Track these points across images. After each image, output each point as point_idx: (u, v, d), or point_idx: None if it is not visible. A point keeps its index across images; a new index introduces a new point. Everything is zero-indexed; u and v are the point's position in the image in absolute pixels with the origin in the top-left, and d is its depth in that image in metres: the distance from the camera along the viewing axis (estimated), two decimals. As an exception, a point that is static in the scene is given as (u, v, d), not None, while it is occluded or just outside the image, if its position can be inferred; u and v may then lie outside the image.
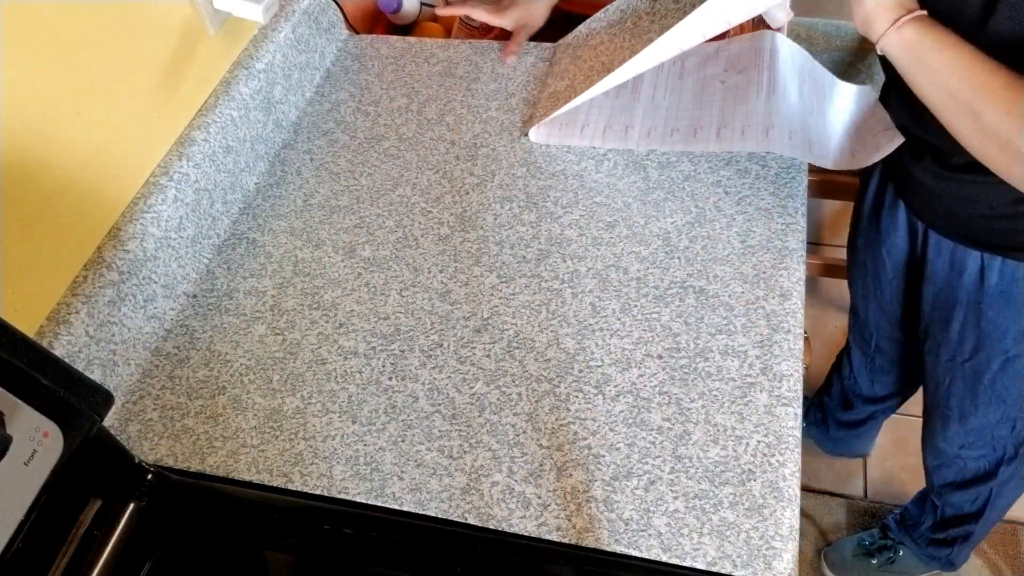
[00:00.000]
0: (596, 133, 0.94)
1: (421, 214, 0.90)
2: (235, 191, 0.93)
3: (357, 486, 0.69)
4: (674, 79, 0.96)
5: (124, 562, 0.60)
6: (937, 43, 0.63)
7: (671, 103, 0.94)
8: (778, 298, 0.76)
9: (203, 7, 0.88)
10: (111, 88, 0.77)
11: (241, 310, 0.84)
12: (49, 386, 0.51)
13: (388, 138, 1.00)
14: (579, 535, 0.64)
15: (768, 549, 0.62)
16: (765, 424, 0.68)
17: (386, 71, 1.09)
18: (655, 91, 0.96)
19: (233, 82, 0.93)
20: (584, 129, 0.94)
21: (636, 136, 0.92)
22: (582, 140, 0.93)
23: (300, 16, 1.04)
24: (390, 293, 0.83)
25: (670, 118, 0.93)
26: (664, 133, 0.91)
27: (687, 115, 0.92)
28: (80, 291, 0.74)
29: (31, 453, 0.50)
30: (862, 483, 1.50)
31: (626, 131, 0.93)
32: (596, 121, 0.94)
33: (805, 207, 0.84)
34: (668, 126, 0.92)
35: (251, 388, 0.77)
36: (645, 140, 0.92)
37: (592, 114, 0.95)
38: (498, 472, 0.68)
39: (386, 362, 0.77)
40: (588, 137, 0.93)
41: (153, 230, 0.81)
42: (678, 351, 0.74)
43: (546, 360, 0.75)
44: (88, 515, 0.59)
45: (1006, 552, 1.39)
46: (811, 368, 0.78)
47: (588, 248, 0.83)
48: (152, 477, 0.65)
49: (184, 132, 0.88)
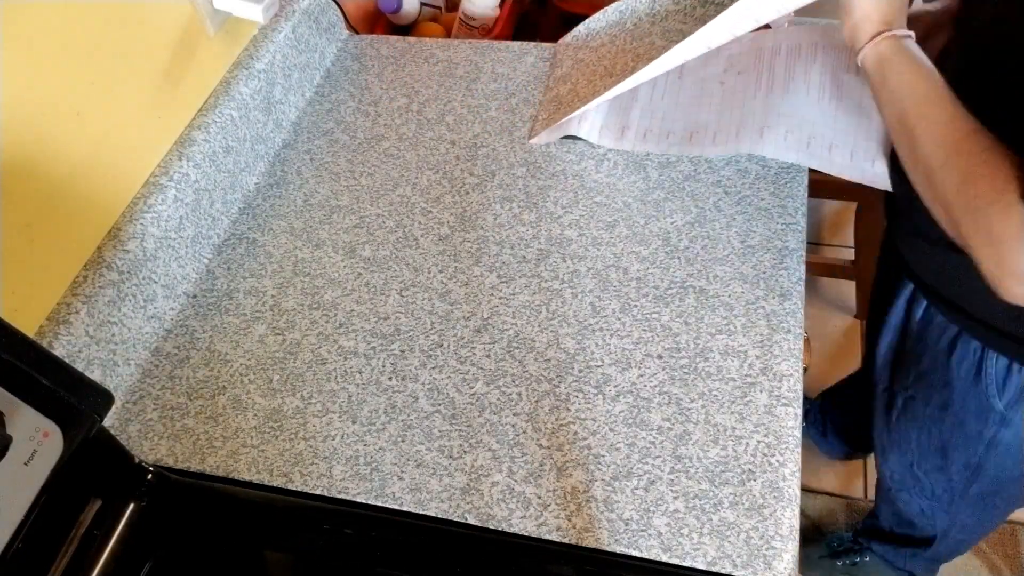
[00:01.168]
0: (592, 129, 0.93)
1: (421, 214, 0.90)
2: (235, 191, 0.93)
3: (357, 486, 0.69)
4: (673, 78, 0.96)
5: (124, 562, 0.60)
6: (905, 65, 0.63)
7: (669, 104, 0.94)
8: (778, 298, 0.76)
9: (203, 7, 0.88)
10: (111, 88, 0.77)
11: (241, 310, 0.84)
12: (49, 386, 0.51)
13: (388, 138, 1.00)
14: (579, 535, 0.64)
15: (768, 549, 0.62)
16: (765, 424, 0.68)
17: (386, 71, 1.09)
18: (653, 91, 0.95)
19: (233, 82, 0.93)
20: (581, 122, 0.94)
21: (632, 137, 0.92)
22: (579, 130, 0.93)
23: (300, 16, 1.04)
24: (390, 293, 0.83)
25: (667, 120, 0.92)
26: (660, 136, 0.91)
27: (683, 118, 0.92)
28: (80, 291, 0.74)
29: (31, 453, 0.50)
30: (862, 483, 1.50)
31: (622, 132, 0.92)
32: (593, 118, 0.94)
33: (805, 207, 0.84)
34: (664, 128, 0.91)
35: (251, 388, 0.77)
36: (641, 142, 0.91)
37: (588, 114, 0.95)
38: (498, 472, 0.68)
39: (386, 362, 0.77)
40: (584, 131, 0.93)
41: (153, 230, 0.81)
42: (678, 351, 0.74)
43: (546, 360, 0.75)
44: (88, 515, 0.59)
45: (1005, 552, 1.39)
46: (811, 368, 0.78)
47: (588, 248, 0.83)
48: (152, 477, 0.65)
49: (184, 132, 0.88)
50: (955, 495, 0.98)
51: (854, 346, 1.65)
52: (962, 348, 0.80)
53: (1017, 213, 0.53)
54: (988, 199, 0.55)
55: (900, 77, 0.63)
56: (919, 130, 0.61)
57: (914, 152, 0.62)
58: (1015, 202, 0.53)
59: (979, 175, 0.56)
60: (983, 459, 0.90)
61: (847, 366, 1.63)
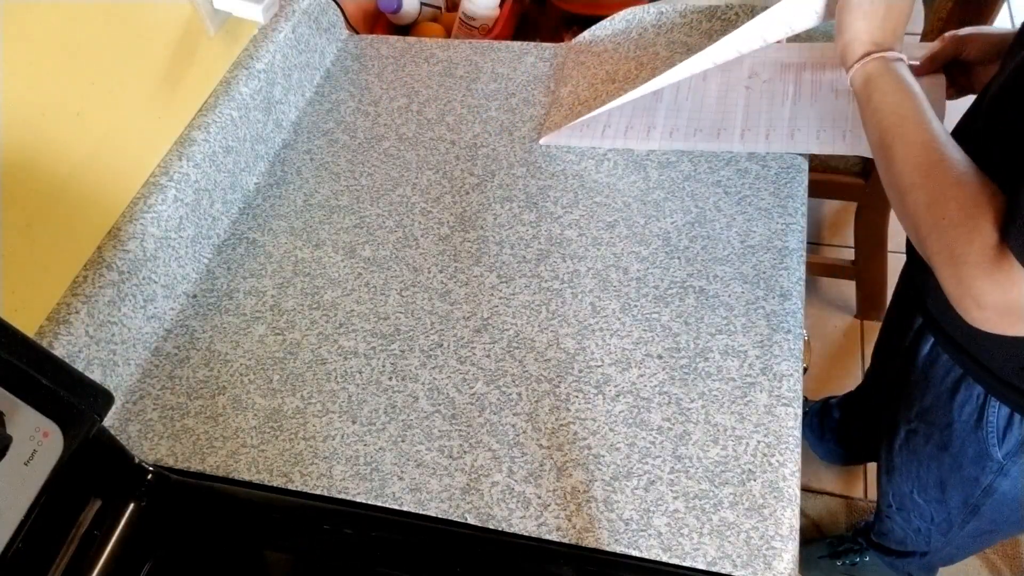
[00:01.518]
0: (617, 134, 0.93)
1: (421, 214, 0.90)
2: (235, 191, 0.93)
3: (357, 486, 0.69)
4: (697, 81, 0.96)
5: (124, 562, 0.60)
6: (890, 85, 0.65)
7: (694, 105, 0.94)
8: (778, 298, 0.76)
9: (203, 7, 0.88)
10: (111, 88, 0.77)
11: (241, 310, 0.84)
12: (49, 386, 0.51)
13: (388, 138, 1.00)
14: (579, 535, 0.64)
15: (768, 549, 0.62)
16: (765, 424, 0.68)
17: (386, 71, 1.09)
18: (678, 93, 0.96)
19: (233, 82, 0.93)
20: (606, 131, 0.94)
21: (659, 136, 0.92)
22: (603, 142, 0.93)
23: (300, 16, 1.04)
24: (390, 293, 0.83)
25: (693, 119, 0.93)
26: (687, 133, 0.92)
27: (709, 117, 0.93)
28: (80, 291, 0.74)
29: (31, 453, 0.50)
30: (862, 484, 1.50)
31: (648, 131, 0.93)
32: (618, 122, 0.94)
33: (805, 207, 0.84)
34: (691, 127, 0.92)
35: (251, 388, 0.77)
36: (668, 140, 0.92)
37: (613, 115, 0.95)
38: (498, 472, 0.68)
39: (386, 362, 0.77)
40: (610, 138, 0.93)
41: (153, 230, 0.81)
42: (678, 351, 0.74)
43: (546, 360, 0.75)
44: (88, 515, 0.59)
45: (1005, 552, 1.39)
46: (811, 368, 0.78)
47: (588, 248, 0.83)
48: (152, 477, 0.65)
49: (184, 132, 0.88)
50: (953, 526, 0.97)
51: (854, 346, 1.65)
52: (965, 392, 0.79)
53: (980, 237, 0.54)
54: (955, 220, 0.55)
55: (883, 96, 0.64)
56: (895, 148, 0.62)
57: (890, 169, 0.62)
58: (981, 227, 0.54)
59: (949, 197, 0.56)
60: (980, 503, 0.89)
61: (847, 366, 1.63)
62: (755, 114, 0.92)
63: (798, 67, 0.95)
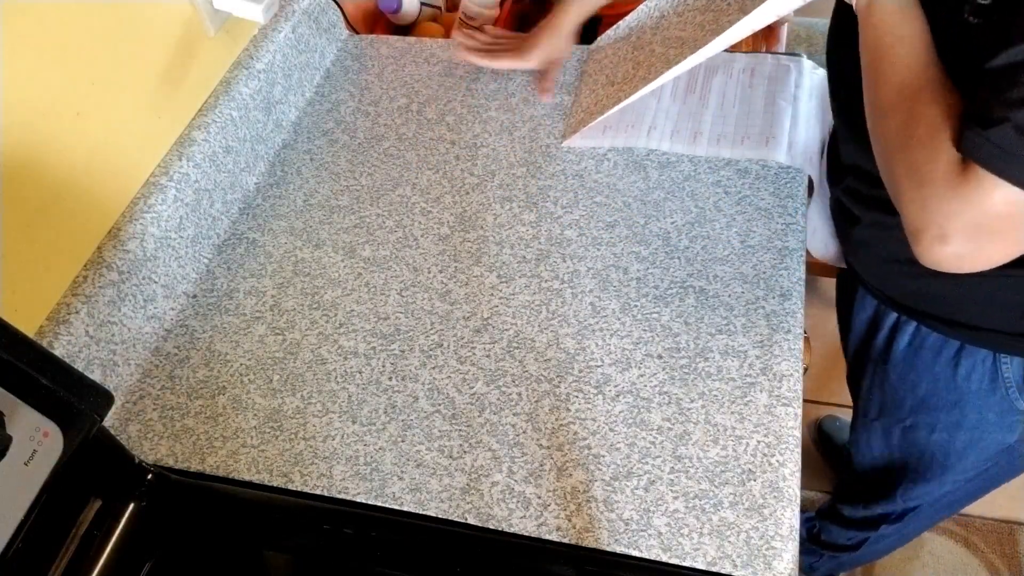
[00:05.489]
0: (663, 137, 0.92)
1: (421, 214, 0.90)
2: (235, 191, 0.93)
3: (357, 486, 0.69)
4: (744, 86, 0.95)
5: (124, 562, 0.60)
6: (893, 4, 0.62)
7: (741, 112, 0.93)
8: (778, 298, 0.76)
9: (203, 7, 0.88)
10: (111, 88, 0.77)
11: (241, 310, 0.84)
12: (49, 386, 0.51)
13: (388, 138, 1.00)
14: (579, 535, 0.64)
15: (768, 549, 0.62)
16: (765, 424, 0.68)
17: (386, 71, 1.09)
18: (724, 99, 0.94)
19: (233, 82, 0.93)
20: (651, 133, 0.93)
21: (705, 143, 0.91)
22: (648, 142, 0.92)
23: (300, 16, 1.04)
24: (390, 293, 0.83)
25: (740, 125, 0.91)
26: (735, 140, 0.90)
27: (759, 124, 0.91)
28: (80, 291, 0.74)
29: (31, 453, 0.50)
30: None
31: (694, 137, 0.91)
32: (663, 125, 0.93)
33: (805, 207, 0.84)
34: (739, 134, 0.91)
35: (251, 388, 0.77)
36: (715, 146, 0.90)
37: (659, 116, 0.94)
38: (498, 472, 0.68)
39: (386, 362, 0.77)
40: (655, 141, 0.92)
41: (153, 230, 0.81)
42: (678, 351, 0.74)
43: (546, 360, 0.75)
44: (88, 515, 0.59)
45: (1003, 551, 1.39)
46: (811, 368, 0.78)
47: (588, 248, 0.83)
48: (152, 477, 0.65)
49: (184, 132, 0.88)
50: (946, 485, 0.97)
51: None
52: (968, 361, 0.79)
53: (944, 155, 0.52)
54: (922, 140, 0.54)
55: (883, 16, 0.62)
56: (883, 68, 0.59)
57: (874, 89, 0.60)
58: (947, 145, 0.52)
59: (921, 116, 0.54)
60: (991, 466, 0.89)
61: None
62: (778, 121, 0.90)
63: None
